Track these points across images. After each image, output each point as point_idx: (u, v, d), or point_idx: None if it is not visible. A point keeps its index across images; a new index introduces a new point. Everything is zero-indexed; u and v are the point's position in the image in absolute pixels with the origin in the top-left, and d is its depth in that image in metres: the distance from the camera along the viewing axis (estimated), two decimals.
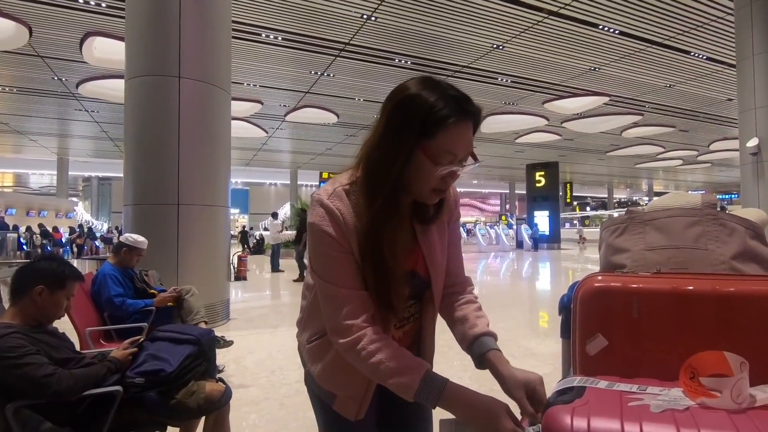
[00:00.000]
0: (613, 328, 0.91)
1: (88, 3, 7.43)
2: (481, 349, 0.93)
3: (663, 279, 0.92)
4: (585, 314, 0.94)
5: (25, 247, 14.93)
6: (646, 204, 1.39)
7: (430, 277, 0.97)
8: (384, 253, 0.86)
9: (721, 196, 38.09)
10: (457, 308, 1.02)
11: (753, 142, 9.07)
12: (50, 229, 17.75)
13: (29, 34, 8.28)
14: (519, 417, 0.80)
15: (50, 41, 8.94)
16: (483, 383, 1.18)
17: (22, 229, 16.84)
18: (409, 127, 0.81)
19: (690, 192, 1.29)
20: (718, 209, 1.16)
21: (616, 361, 0.90)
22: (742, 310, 0.84)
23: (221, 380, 1.86)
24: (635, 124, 16.13)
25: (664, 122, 16.01)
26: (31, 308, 1.54)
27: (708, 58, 10.39)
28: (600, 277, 0.96)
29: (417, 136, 0.81)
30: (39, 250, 14.47)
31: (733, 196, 35.34)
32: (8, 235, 13.99)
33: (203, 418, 1.81)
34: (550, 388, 0.84)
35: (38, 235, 16.11)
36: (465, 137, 0.84)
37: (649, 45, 9.56)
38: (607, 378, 0.82)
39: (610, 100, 13.25)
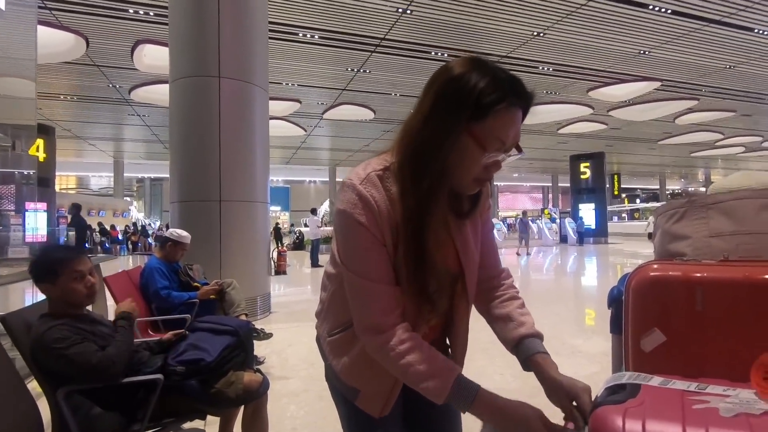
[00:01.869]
0: (672, 322, 0.81)
1: (138, 12, 7.81)
2: (528, 352, 0.89)
3: (732, 267, 0.81)
4: (639, 307, 0.85)
5: (86, 244, 16.05)
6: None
7: (463, 273, 0.92)
8: (428, 240, 0.81)
9: None
10: (498, 305, 0.97)
11: None
12: (108, 228, 18.96)
13: (86, 45, 8.82)
14: (563, 423, 0.73)
15: (105, 51, 9.49)
16: (527, 381, 1.11)
17: None
18: (459, 107, 0.76)
19: (757, 171, 1.15)
20: None
21: (676, 359, 0.80)
22: None
23: (259, 371, 1.88)
24: (690, 110, 15.06)
25: (723, 107, 14.86)
26: (56, 301, 1.60)
27: None
28: (656, 266, 0.87)
29: (467, 118, 0.76)
30: (98, 247, 15.49)
31: None
32: (69, 232, 15.06)
33: (242, 408, 1.83)
34: (598, 387, 0.76)
35: (98, 233, 17.24)
36: (515, 124, 0.79)
37: (705, 23, 8.87)
38: (665, 376, 0.73)
39: (661, 85, 12.44)
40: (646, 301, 0.85)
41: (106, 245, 16.19)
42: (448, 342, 1.02)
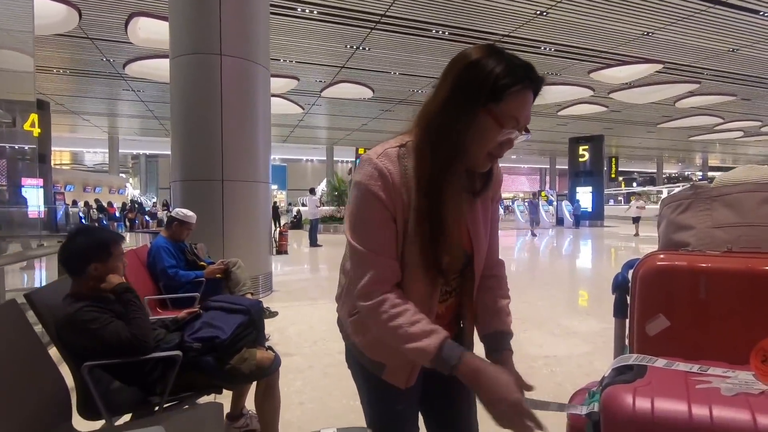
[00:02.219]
0: (676, 309, 0.87)
1: None
2: (501, 345, 0.98)
3: (735, 258, 0.86)
4: (646, 294, 0.91)
5: (84, 220, 16.01)
6: (700, 179, 1.30)
7: (473, 252, 0.96)
8: (446, 213, 0.86)
9: None
10: (495, 299, 1.03)
11: None
12: (105, 204, 18.89)
13: (79, 16, 8.60)
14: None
15: (98, 23, 9.26)
16: (522, 360, 1.17)
17: (81, 204, 17.99)
18: (480, 88, 0.82)
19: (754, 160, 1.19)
20: None
21: (679, 343, 0.86)
22: None
23: (270, 348, 1.95)
24: (691, 93, 14.99)
25: (724, 90, 14.79)
26: (93, 283, 1.64)
27: None
28: (662, 256, 0.92)
29: (486, 98, 0.82)
30: (96, 224, 15.46)
31: None
32: (70, 209, 14.98)
33: (255, 383, 1.91)
34: (592, 367, 0.82)
35: (95, 210, 17.18)
36: (528, 105, 0.86)
37: (710, 5, 8.76)
38: (669, 359, 0.79)
39: (663, 67, 12.34)
40: (652, 289, 0.90)
41: (104, 222, 16.17)
42: (461, 324, 1.07)
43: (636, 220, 15.76)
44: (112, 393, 1.64)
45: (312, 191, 12.71)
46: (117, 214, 19.28)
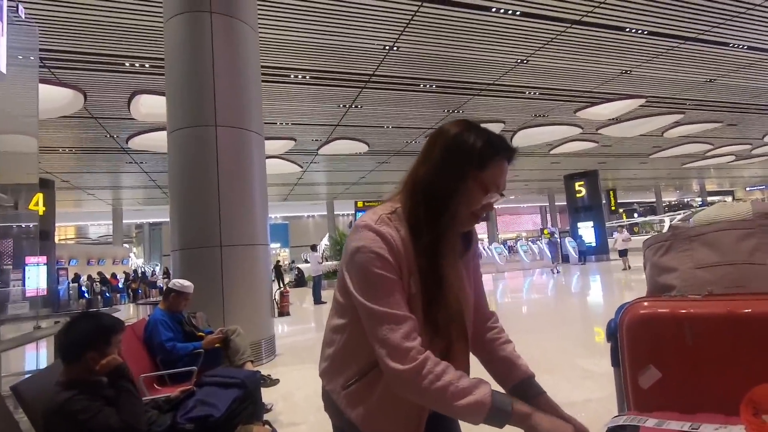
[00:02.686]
0: (665, 358, 0.84)
1: (133, 65, 8.09)
2: (534, 391, 1.00)
3: (716, 302, 0.85)
4: (633, 344, 0.89)
5: (86, 294, 15.92)
6: (699, 206, 1.30)
7: (462, 312, 0.98)
8: (446, 275, 0.91)
9: None
10: (498, 348, 1.06)
11: None
12: (108, 276, 18.88)
13: (84, 98, 9.08)
14: None
15: (102, 103, 9.76)
16: None
17: (84, 278, 17.97)
18: (468, 158, 0.93)
19: (744, 200, 1.20)
20: None
21: (673, 394, 0.83)
22: None
23: (268, 423, 1.87)
24: (677, 123, 15.37)
25: (708, 118, 15.17)
26: (87, 370, 1.61)
27: (750, 48, 9.85)
28: (646, 303, 0.91)
29: (473, 167, 0.93)
30: (99, 297, 15.36)
31: None
32: (70, 284, 14.94)
33: None
34: (608, 411, 0.79)
35: (98, 283, 17.13)
36: (505, 172, 0.97)
37: (682, 41, 9.21)
38: (663, 414, 0.76)
39: (646, 101, 12.75)
40: (639, 338, 0.88)
41: (107, 294, 16.07)
42: None
43: (623, 253, 14.96)
44: None
45: (314, 248, 12.73)
46: (120, 285, 19.19)
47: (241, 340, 3.24)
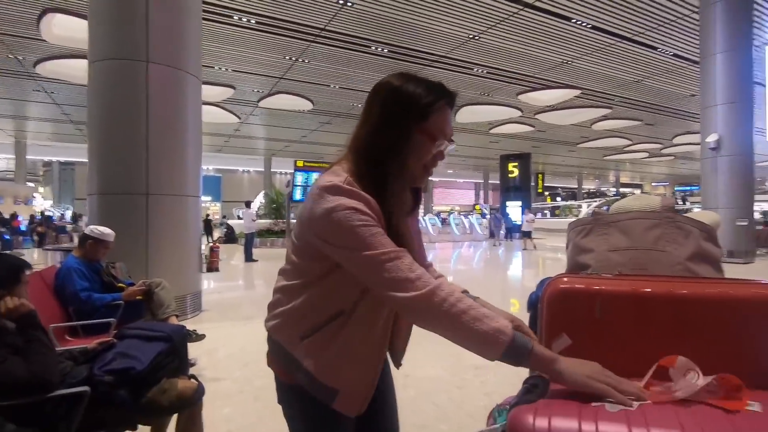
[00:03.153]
0: (577, 328, 0.95)
1: None
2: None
3: (624, 281, 0.96)
4: (551, 314, 0.99)
5: None
6: (613, 195, 1.45)
7: None
8: (402, 230, 0.93)
9: (682, 188, 39.76)
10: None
11: (713, 138, 9.51)
12: (8, 217, 16.90)
13: None
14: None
15: (5, 17, 8.40)
16: (456, 373, 1.21)
17: None
18: (408, 112, 0.92)
19: (652, 194, 1.36)
20: (678, 210, 1.22)
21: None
22: (695, 312, 0.89)
23: (194, 377, 1.84)
24: (605, 117, 16.58)
25: (631, 116, 16.53)
26: None
27: (674, 55, 10.74)
28: (566, 279, 1.00)
29: (415, 119, 0.92)
30: None
31: (694, 188, 36.95)
32: None
33: (175, 416, 1.79)
34: (520, 377, 0.88)
35: None
36: (450, 117, 0.97)
37: (619, 40, 9.80)
38: None
39: (581, 93, 13.56)
40: (557, 310, 0.98)
41: (6, 237, 14.41)
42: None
43: (526, 233, 15.07)
44: None
45: (248, 204, 12.28)
46: (22, 228, 17.30)
47: (165, 294, 3.10)
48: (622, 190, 40.90)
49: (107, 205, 4.50)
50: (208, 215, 22.01)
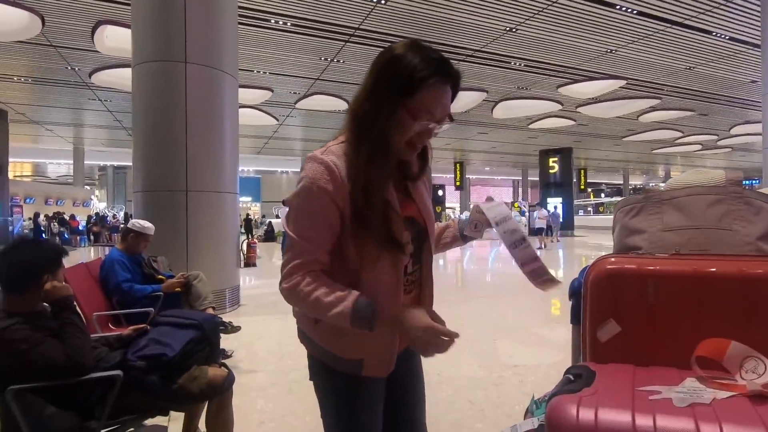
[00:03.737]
0: (626, 314, 0.84)
1: None
2: (456, 231, 1.13)
3: (682, 261, 0.84)
4: (596, 298, 0.88)
5: (44, 234, 15.27)
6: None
7: (425, 224, 1.03)
8: (386, 194, 0.92)
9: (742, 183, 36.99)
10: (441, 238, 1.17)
11: None
12: (68, 217, 18.09)
13: (42, 23, 8.31)
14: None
15: (63, 31, 8.96)
16: (492, 370, 1.13)
17: (42, 216, 17.18)
18: (393, 85, 0.88)
19: (712, 168, 1.21)
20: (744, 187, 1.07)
21: (630, 349, 0.84)
22: None
23: (224, 365, 1.84)
24: (653, 108, 15.65)
25: (683, 106, 15.51)
26: (31, 300, 1.52)
27: (731, 38, 9.96)
28: (613, 259, 0.90)
29: (399, 94, 0.88)
30: (57, 238, 14.78)
31: (754, 182, 34.30)
32: (25, 222, 14.27)
33: (206, 403, 1.79)
34: (558, 373, 0.79)
35: (56, 223, 16.44)
36: (443, 99, 0.90)
37: (668, 25, 9.20)
38: (620, 366, 0.76)
39: (627, 83, 12.85)
40: (603, 293, 0.88)
41: (66, 236, 15.44)
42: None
43: (540, 230, 14.73)
44: (46, 419, 1.49)
45: (284, 203, 12.52)
46: (80, 228, 18.48)
47: (203, 286, 3.17)
48: (674, 176, 38.55)
49: (150, 201, 4.68)
50: (248, 214, 22.70)
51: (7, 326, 1.41)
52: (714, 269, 0.80)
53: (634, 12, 8.63)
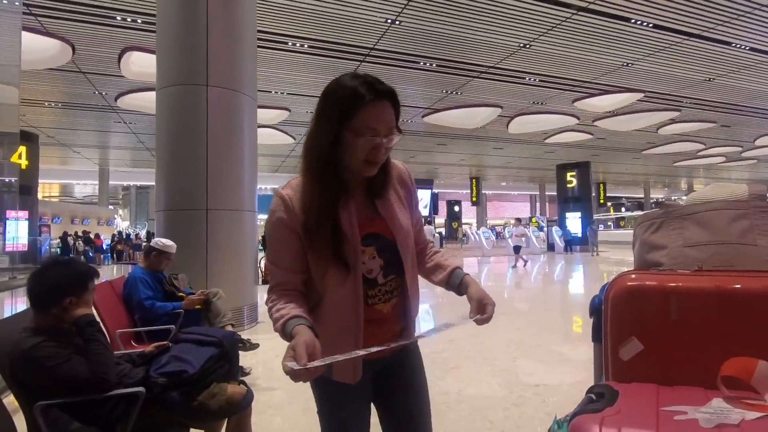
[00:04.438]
0: (648, 331, 0.83)
1: (125, 20, 7.77)
2: (456, 280, 1.13)
3: (705, 277, 0.83)
4: (617, 316, 0.87)
5: (70, 254, 15.72)
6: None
7: (394, 238, 1.07)
8: (335, 215, 1.00)
9: None
10: (428, 261, 1.22)
11: None
12: (92, 236, 18.61)
13: (72, 51, 8.72)
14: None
15: (91, 57, 9.39)
16: (513, 390, 1.12)
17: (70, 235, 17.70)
18: (332, 112, 0.97)
19: (737, 181, 1.19)
20: None
21: (653, 367, 0.82)
22: None
23: (243, 383, 1.85)
24: (672, 121, 15.39)
25: (704, 117, 15.22)
26: (63, 317, 1.57)
27: (751, 49, 9.81)
28: (633, 276, 0.89)
29: (340, 119, 0.96)
30: (82, 257, 15.18)
31: None
32: (53, 242, 14.71)
33: (225, 420, 1.80)
34: (579, 392, 0.78)
35: (81, 242, 16.91)
36: (382, 115, 0.97)
37: (685, 37, 9.12)
38: (643, 385, 0.75)
39: (644, 96, 12.71)
40: (624, 311, 0.86)
41: (90, 254, 15.88)
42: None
43: (517, 249, 13.70)
44: None
45: None
46: (104, 246, 18.97)
47: (222, 303, 3.21)
48: (695, 191, 37.55)
49: (171, 220, 4.79)
50: None
51: (36, 344, 1.46)
52: (738, 285, 0.78)
53: (650, 25, 8.59)
